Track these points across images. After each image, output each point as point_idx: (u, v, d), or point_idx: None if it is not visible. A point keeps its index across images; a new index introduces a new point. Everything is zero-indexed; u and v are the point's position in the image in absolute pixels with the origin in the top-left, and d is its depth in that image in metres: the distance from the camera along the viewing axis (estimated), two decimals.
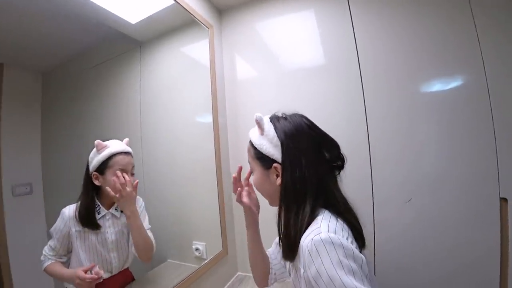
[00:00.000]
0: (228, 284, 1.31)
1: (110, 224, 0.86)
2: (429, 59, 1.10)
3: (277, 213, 0.70)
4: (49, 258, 0.77)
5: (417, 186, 1.10)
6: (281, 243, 0.69)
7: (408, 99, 1.13)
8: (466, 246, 1.06)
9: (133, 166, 0.90)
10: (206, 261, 1.17)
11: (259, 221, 0.84)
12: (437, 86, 1.09)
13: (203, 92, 1.34)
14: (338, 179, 0.72)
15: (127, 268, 0.92)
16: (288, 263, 0.75)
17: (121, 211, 0.86)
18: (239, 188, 0.80)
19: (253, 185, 0.78)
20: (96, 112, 1.02)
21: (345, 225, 0.62)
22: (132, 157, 0.90)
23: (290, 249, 0.64)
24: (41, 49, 0.85)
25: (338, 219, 0.63)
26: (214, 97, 1.35)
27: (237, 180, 0.82)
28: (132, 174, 0.89)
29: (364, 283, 0.54)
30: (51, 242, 0.77)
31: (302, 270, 0.60)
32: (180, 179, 1.22)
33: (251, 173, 0.79)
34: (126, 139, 0.90)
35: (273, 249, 0.89)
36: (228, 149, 1.47)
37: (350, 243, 0.57)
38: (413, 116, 1.11)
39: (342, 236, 0.58)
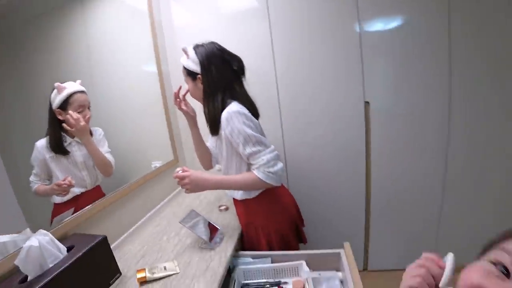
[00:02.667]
0: (178, 189, 1.62)
1: (77, 149, 1.06)
2: None
3: (203, 106, 1.07)
4: (35, 183, 0.97)
5: (311, 98, 1.57)
6: (208, 125, 1.08)
7: None
8: (339, 140, 1.64)
9: (89, 102, 1.09)
10: (157, 167, 1.46)
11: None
12: None
13: (146, 40, 1.46)
14: (244, 82, 1.11)
15: (99, 185, 1.17)
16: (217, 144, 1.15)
17: None
18: (178, 99, 1.18)
19: (190, 94, 1.14)
20: (47, 64, 1.10)
21: (245, 107, 1.03)
22: (87, 95, 1.08)
23: (214, 125, 1.04)
24: None
25: (243, 105, 1.03)
26: (155, 45, 1.49)
27: (177, 95, 1.17)
28: (89, 108, 1.08)
29: (258, 134, 0.99)
30: (33, 170, 0.96)
31: (222, 133, 1.01)
32: (134, 115, 1.40)
33: (187, 91, 1.15)
34: (79, 81, 1.06)
35: (209, 143, 1.30)
36: (172, 90, 1.67)
37: (248, 113, 1.01)
38: None
39: (243, 109, 1.00)
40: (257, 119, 1.09)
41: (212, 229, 1.06)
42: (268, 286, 0.97)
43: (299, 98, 1.61)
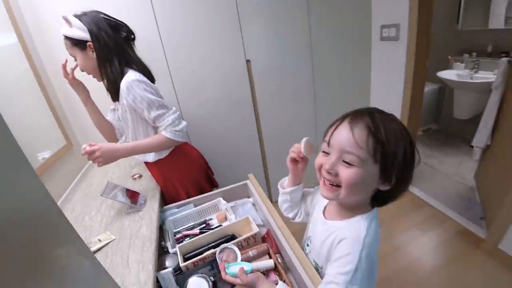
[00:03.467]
0: (82, 172, 1.55)
1: None
2: None
3: (100, 76, 1.09)
4: None
5: (198, 61, 1.70)
6: (108, 92, 1.12)
7: None
8: (229, 95, 1.86)
9: None
10: (47, 158, 1.29)
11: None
12: None
13: None
14: (134, 47, 1.15)
15: None
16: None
17: None
18: (67, 72, 1.11)
19: (79, 68, 1.10)
20: None
21: (141, 72, 1.09)
22: None
23: (114, 92, 1.09)
24: None
25: (139, 72, 1.09)
26: (12, 16, 1.24)
27: (65, 68, 1.11)
28: None
29: (159, 98, 1.09)
30: None
31: (124, 101, 1.07)
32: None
33: (76, 65, 1.11)
34: None
35: (109, 117, 1.30)
36: (43, 65, 1.48)
37: (147, 79, 1.08)
38: None
39: (141, 76, 1.07)
40: (154, 83, 1.15)
41: (133, 194, 1.14)
42: (196, 225, 1.16)
43: (186, 61, 1.69)
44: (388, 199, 0.62)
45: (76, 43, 1.03)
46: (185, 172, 1.30)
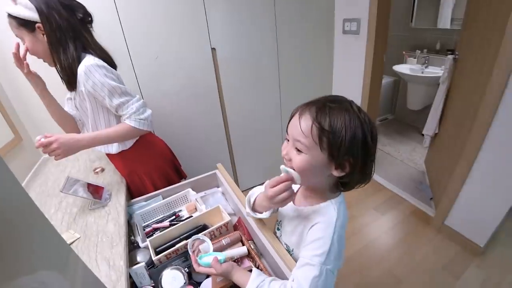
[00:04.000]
0: (35, 168, 1.40)
1: None
2: None
3: (53, 61, 0.97)
4: None
5: (162, 49, 1.63)
6: (62, 80, 1.02)
7: None
8: (194, 84, 1.81)
9: None
10: None
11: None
12: None
13: None
14: (92, 31, 1.05)
15: None
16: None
17: None
18: (21, 61, 0.97)
19: (28, 51, 0.97)
20: None
21: (101, 58, 1.00)
22: None
23: (71, 78, 0.98)
24: None
25: (98, 57, 1.00)
26: None
27: (18, 56, 0.96)
28: None
29: (122, 85, 1.03)
30: None
31: (82, 89, 0.98)
32: None
33: (26, 51, 0.96)
34: None
35: (66, 107, 1.20)
36: None
37: (107, 65, 1.00)
38: None
39: (100, 61, 0.98)
40: (115, 70, 1.08)
41: (97, 189, 1.08)
42: (166, 218, 1.13)
43: (150, 48, 1.60)
44: (350, 185, 0.65)
45: (23, 24, 0.90)
46: (151, 163, 1.26)
